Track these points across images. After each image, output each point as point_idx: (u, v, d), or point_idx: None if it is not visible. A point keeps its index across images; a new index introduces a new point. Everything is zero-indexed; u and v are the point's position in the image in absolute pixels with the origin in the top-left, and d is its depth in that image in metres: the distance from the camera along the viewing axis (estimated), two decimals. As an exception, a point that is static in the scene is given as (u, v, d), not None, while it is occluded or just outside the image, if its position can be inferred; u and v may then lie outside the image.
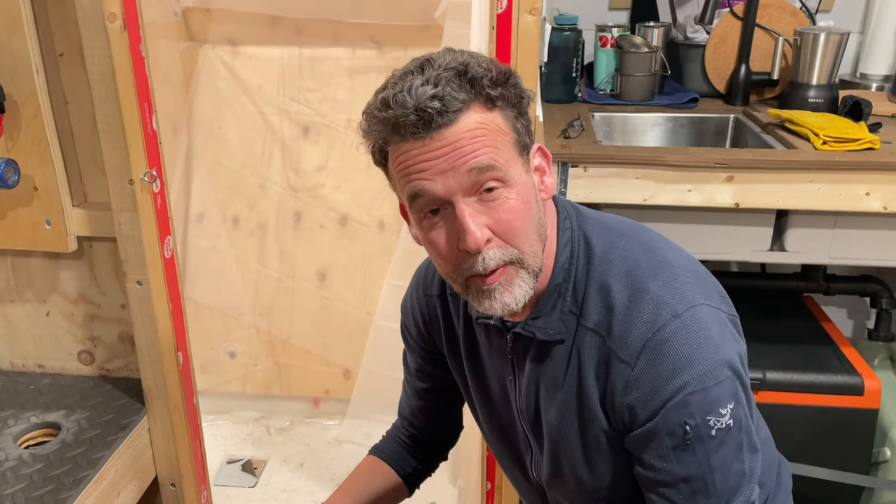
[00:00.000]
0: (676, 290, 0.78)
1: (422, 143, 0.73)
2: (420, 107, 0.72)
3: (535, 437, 0.92)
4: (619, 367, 0.78)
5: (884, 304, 1.90)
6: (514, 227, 0.76)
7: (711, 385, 0.75)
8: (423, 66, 0.75)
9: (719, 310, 0.80)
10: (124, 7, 1.17)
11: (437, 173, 0.74)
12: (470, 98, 0.74)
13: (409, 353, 1.09)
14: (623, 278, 0.80)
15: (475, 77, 0.74)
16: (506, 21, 1.28)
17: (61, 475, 1.27)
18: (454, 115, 0.73)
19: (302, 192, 2.18)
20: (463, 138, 0.73)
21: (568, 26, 1.90)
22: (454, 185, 0.74)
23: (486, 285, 0.77)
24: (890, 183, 1.47)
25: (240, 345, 2.27)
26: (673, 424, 0.75)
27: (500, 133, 0.75)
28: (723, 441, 0.76)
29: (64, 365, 1.54)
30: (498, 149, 0.75)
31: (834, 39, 1.73)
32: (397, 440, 1.14)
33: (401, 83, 0.74)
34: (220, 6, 2.09)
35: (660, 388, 0.75)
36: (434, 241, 0.78)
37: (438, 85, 0.72)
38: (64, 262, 1.44)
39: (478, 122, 0.74)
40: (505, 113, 0.76)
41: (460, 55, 0.76)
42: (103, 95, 1.21)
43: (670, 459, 0.77)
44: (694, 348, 0.75)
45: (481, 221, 0.75)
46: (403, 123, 0.73)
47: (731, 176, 1.50)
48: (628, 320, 0.78)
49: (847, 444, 1.65)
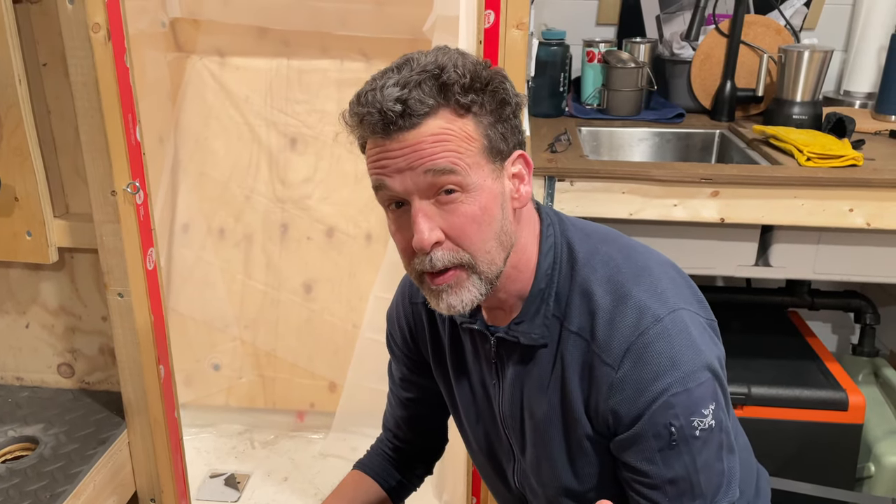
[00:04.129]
0: (658, 296, 0.80)
1: (384, 142, 0.75)
2: (383, 109, 0.73)
3: (517, 443, 0.92)
4: (603, 371, 0.79)
5: (868, 320, 1.91)
6: (466, 232, 0.77)
7: (694, 386, 0.76)
8: (402, 65, 0.76)
9: (698, 314, 0.82)
10: (109, 17, 1.16)
11: (396, 171, 0.76)
12: (438, 103, 0.75)
13: (395, 362, 1.09)
14: (605, 283, 0.82)
15: (447, 83, 0.74)
16: (493, 36, 1.29)
17: (38, 490, 1.24)
18: (418, 120, 0.74)
19: (289, 204, 2.17)
20: (423, 142, 0.74)
21: (555, 41, 1.91)
22: (411, 185, 0.76)
23: (435, 285, 0.79)
24: (873, 199, 1.48)
25: (224, 357, 2.25)
26: (658, 426, 0.77)
27: (466, 139, 0.76)
28: (706, 441, 0.78)
29: (43, 378, 1.51)
30: (461, 154, 0.75)
31: (818, 57, 1.75)
32: (382, 454, 1.14)
33: (378, 81, 0.76)
34: (209, 17, 2.08)
35: (643, 390, 0.77)
36: (395, 234, 0.81)
37: (406, 87, 0.74)
38: (44, 273, 1.42)
39: (442, 127, 0.75)
40: (479, 119, 0.77)
41: (442, 55, 0.77)
42: (86, 106, 1.20)
43: (657, 461, 0.78)
44: (676, 351, 0.77)
45: (434, 223, 0.76)
46: (368, 122, 0.75)
47: (716, 191, 1.51)
48: (612, 325, 0.79)
49: (831, 460, 1.65)
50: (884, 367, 1.87)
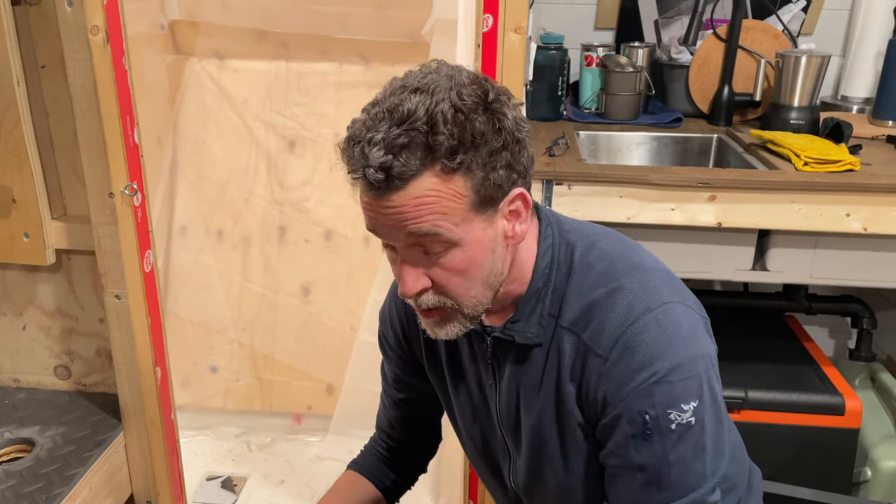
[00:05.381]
0: (651, 289, 0.80)
1: (372, 198, 0.74)
2: (367, 173, 0.71)
3: (513, 443, 0.93)
4: (594, 362, 0.80)
5: (865, 325, 1.91)
6: (451, 284, 0.79)
7: (677, 380, 0.76)
8: (392, 111, 0.72)
9: (692, 309, 0.82)
10: (108, 20, 1.16)
11: (382, 226, 0.76)
12: (423, 166, 0.71)
13: (387, 363, 1.09)
14: (599, 277, 0.82)
15: (435, 145, 0.70)
16: (491, 40, 1.29)
17: (34, 492, 1.24)
18: (402, 183, 0.71)
19: (287, 206, 2.17)
20: (407, 205, 0.72)
21: (554, 45, 1.91)
22: (397, 240, 0.77)
23: (423, 318, 0.84)
24: (870, 204, 1.49)
25: (222, 359, 2.24)
26: (633, 412, 0.77)
27: (454, 198, 0.73)
28: (682, 437, 0.77)
29: (40, 379, 1.51)
30: (447, 214, 0.73)
31: (815, 62, 1.75)
32: (375, 453, 1.14)
33: (366, 127, 0.72)
34: (208, 20, 2.08)
35: (628, 378, 0.77)
36: (392, 267, 0.82)
37: (390, 152, 0.70)
38: (42, 275, 1.42)
39: (429, 189, 0.72)
40: (469, 175, 0.73)
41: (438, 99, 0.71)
42: (84, 108, 1.20)
43: (629, 447, 0.78)
44: (665, 342, 0.77)
45: (419, 272, 0.78)
46: (356, 178, 0.74)
47: (713, 195, 1.51)
48: (603, 316, 0.80)
49: (828, 464, 1.65)
50: (880, 372, 1.87)
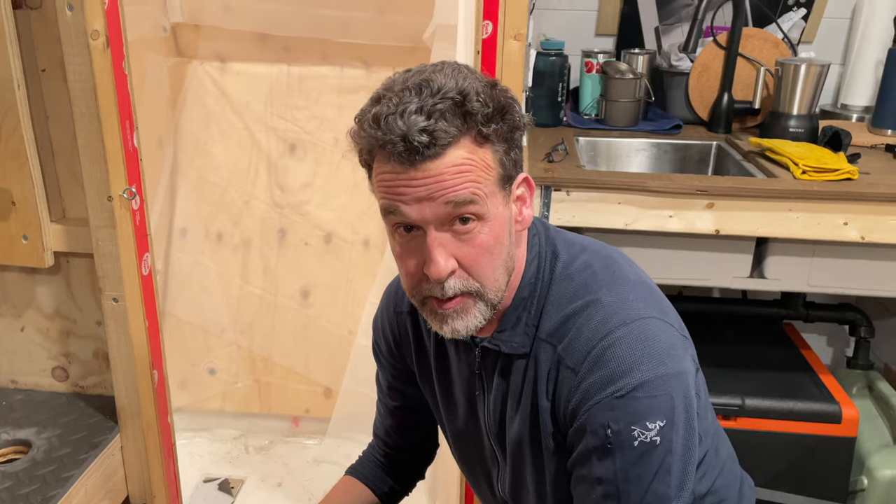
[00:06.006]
0: (629, 303, 0.79)
1: (405, 170, 0.73)
2: (408, 137, 0.70)
3: (500, 451, 0.93)
4: (566, 374, 0.79)
5: (862, 333, 1.91)
6: (479, 263, 0.77)
7: (643, 397, 0.75)
8: (421, 86, 0.73)
9: (671, 326, 0.80)
10: (108, 25, 1.17)
11: (415, 200, 0.74)
12: (461, 132, 0.72)
13: (381, 371, 1.09)
14: (578, 289, 0.82)
15: (471, 112, 0.72)
16: (491, 46, 1.30)
17: (30, 494, 1.25)
18: (441, 150, 0.72)
19: (287, 209, 2.18)
20: (446, 172, 0.72)
21: (554, 51, 1.91)
22: (429, 215, 0.74)
23: (441, 309, 0.79)
24: (867, 213, 1.49)
25: (220, 362, 2.25)
26: (596, 424, 0.76)
27: (485, 168, 0.75)
28: (644, 455, 0.75)
29: (37, 381, 1.52)
30: (480, 184, 0.74)
31: (815, 71, 1.75)
32: (373, 460, 1.14)
33: (396, 101, 0.72)
34: (210, 23, 2.09)
35: (595, 391, 0.76)
36: (402, 256, 0.79)
37: (431, 117, 0.71)
38: (40, 277, 1.42)
39: (464, 157, 0.73)
40: (495, 148, 0.75)
41: (462, 78, 0.73)
42: (84, 112, 1.21)
43: (591, 458, 0.78)
44: (636, 358, 0.75)
45: (449, 252, 0.76)
46: (391, 150, 0.72)
47: (711, 203, 1.51)
48: (578, 328, 0.79)
49: (824, 473, 1.65)
50: (878, 381, 1.87)
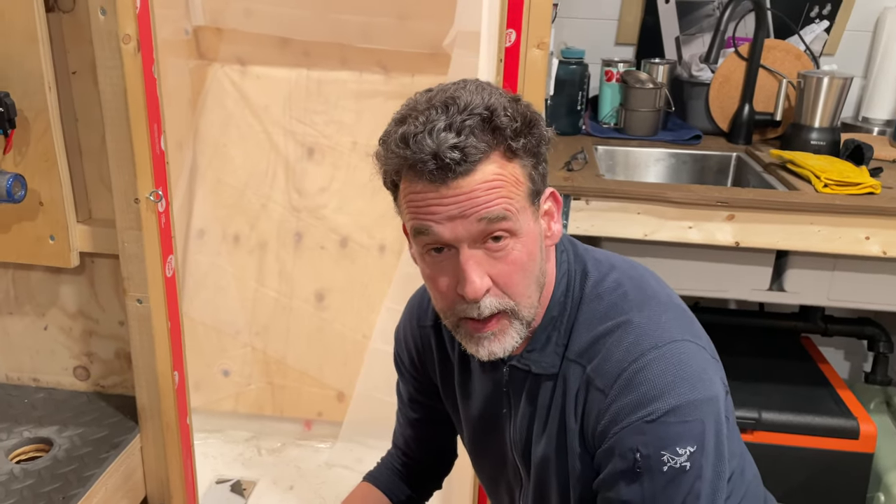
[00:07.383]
0: (661, 325, 0.78)
1: (436, 188, 0.72)
2: (439, 154, 0.70)
3: (525, 470, 0.92)
4: (595, 396, 0.78)
5: (881, 348, 1.90)
6: (514, 280, 0.76)
7: (675, 422, 0.73)
8: (447, 104, 0.72)
9: (703, 349, 0.79)
10: (139, 29, 1.18)
11: (447, 219, 0.73)
12: (490, 148, 0.72)
13: (402, 382, 1.09)
14: (609, 309, 0.81)
15: (499, 127, 0.72)
16: (514, 54, 1.30)
17: (51, 492, 1.26)
18: (472, 166, 0.71)
19: (304, 213, 2.18)
20: (478, 189, 0.72)
21: (574, 60, 1.92)
22: (462, 233, 0.73)
23: (478, 332, 0.78)
24: (890, 227, 1.48)
25: (234, 363, 2.26)
26: (625, 448, 0.75)
27: (515, 184, 0.74)
28: (673, 481, 0.74)
29: (59, 380, 1.53)
30: (512, 199, 0.74)
31: (837, 83, 1.75)
32: (391, 467, 1.14)
33: (423, 120, 0.72)
34: (232, 26, 2.11)
35: (625, 414, 0.75)
36: (434, 278, 0.78)
37: (461, 134, 0.70)
38: (65, 276, 1.44)
39: (495, 173, 0.73)
40: (523, 163, 0.75)
41: (487, 95, 0.73)
42: (114, 115, 1.22)
43: (618, 482, 0.77)
44: (668, 382, 0.74)
45: (483, 270, 0.75)
46: (421, 169, 0.71)
47: (731, 215, 1.51)
48: (608, 350, 0.78)
49: (841, 488, 1.64)
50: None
